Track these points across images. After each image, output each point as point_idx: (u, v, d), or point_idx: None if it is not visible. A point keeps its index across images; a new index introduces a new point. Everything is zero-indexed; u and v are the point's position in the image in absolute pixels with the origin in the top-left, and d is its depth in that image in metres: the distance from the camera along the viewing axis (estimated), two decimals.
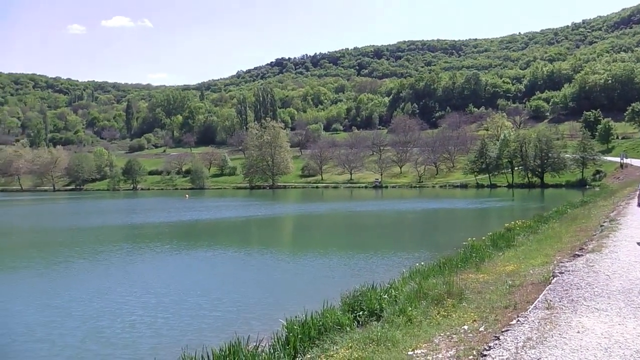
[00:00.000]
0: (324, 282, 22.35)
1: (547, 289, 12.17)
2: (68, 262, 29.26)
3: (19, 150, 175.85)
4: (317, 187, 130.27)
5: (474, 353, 8.60)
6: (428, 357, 8.85)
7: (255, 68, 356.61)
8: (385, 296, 14.02)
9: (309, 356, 10.79)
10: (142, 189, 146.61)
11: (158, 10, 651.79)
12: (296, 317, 12.84)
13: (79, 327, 16.47)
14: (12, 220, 62.98)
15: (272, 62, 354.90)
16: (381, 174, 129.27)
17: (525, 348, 8.33)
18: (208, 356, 11.03)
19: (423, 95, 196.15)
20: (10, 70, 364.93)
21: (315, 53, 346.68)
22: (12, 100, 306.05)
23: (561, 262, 15.60)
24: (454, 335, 9.87)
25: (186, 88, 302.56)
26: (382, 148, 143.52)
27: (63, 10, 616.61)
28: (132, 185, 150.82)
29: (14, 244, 40.85)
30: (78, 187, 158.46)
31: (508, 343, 8.63)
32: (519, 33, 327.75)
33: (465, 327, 10.33)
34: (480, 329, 9.99)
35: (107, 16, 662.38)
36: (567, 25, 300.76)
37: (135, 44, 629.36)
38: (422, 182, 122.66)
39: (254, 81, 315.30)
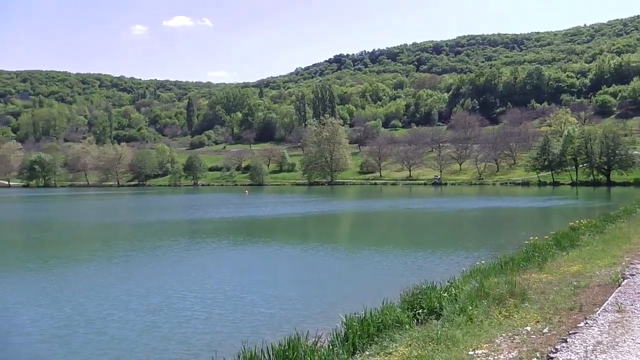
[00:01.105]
0: (382, 279, 22.17)
1: (617, 291, 11.71)
2: (128, 256, 29.88)
3: (86, 147, 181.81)
4: (375, 183, 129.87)
5: (538, 355, 8.40)
6: (489, 358, 8.72)
7: (314, 65, 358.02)
8: (445, 294, 13.86)
9: (367, 353, 10.73)
10: (202, 185, 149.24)
11: (217, 9, 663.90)
12: (355, 313, 12.81)
13: (136, 321, 16.66)
14: (79, 214, 65.09)
15: (330, 59, 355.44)
16: (440, 171, 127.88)
17: (595, 352, 8.04)
18: (267, 351, 11.04)
19: (483, 91, 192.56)
20: (78, 70, 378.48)
21: (374, 49, 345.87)
22: (79, 99, 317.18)
23: (631, 263, 14.98)
24: (516, 337, 9.70)
25: (245, 85, 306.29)
26: (441, 145, 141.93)
27: (126, 12, 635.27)
28: (192, 181, 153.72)
29: (78, 237, 42.10)
30: (141, 182, 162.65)
31: (576, 346, 8.35)
32: (584, 25, 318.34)
33: (528, 328, 10.12)
34: (544, 331, 9.76)
35: (168, 17, 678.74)
36: (637, 15, 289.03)
37: (195, 43, 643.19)
38: (482, 179, 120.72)
39: (312, 78, 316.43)
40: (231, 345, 13.38)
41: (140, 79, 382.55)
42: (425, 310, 13.11)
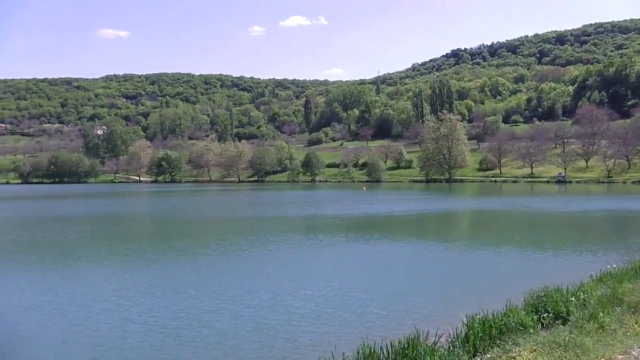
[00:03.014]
0: (501, 280, 21.64)
1: None
2: (242, 251, 30.47)
3: (208, 144, 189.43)
4: (495, 181, 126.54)
5: None
6: None
7: (431, 60, 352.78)
8: (573, 299, 13.26)
9: (489, 356, 10.57)
10: (320, 181, 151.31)
11: (332, 7, 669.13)
12: (476, 314, 12.56)
13: (246, 316, 16.84)
14: (200, 209, 67.78)
15: (447, 54, 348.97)
16: (565, 168, 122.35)
17: None
18: (387, 348, 10.97)
19: (613, 83, 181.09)
20: (201, 72, 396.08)
21: (493, 42, 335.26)
22: (202, 99, 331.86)
23: None
24: None
25: (362, 82, 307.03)
26: (565, 140, 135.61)
27: (244, 14, 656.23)
28: (310, 178, 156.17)
29: (197, 231, 43.77)
30: (260, 178, 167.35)
31: None
32: None
33: None
34: None
35: (285, 16, 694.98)
36: None
37: (311, 41, 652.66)
38: (611, 177, 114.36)
39: (429, 73, 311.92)
40: (346, 342, 13.27)
41: (259, 78, 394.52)
42: (550, 315, 12.69)
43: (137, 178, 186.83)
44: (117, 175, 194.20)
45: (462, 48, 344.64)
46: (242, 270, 25.06)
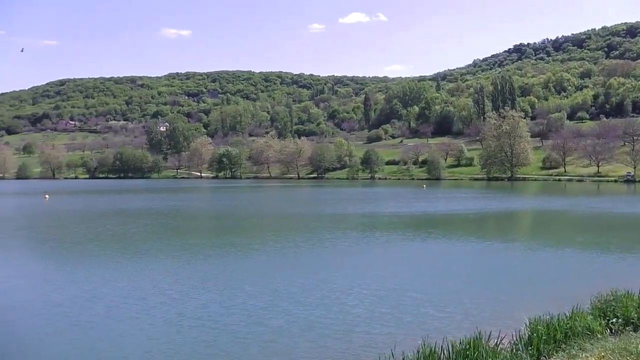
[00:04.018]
0: (566, 282, 20.90)
1: None
2: (297, 247, 30.48)
3: (268, 141, 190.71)
4: (559, 180, 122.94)
5: None
6: None
7: (492, 56, 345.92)
8: None
9: None
10: (379, 179, 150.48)
11: (392, 3, 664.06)
12: (539, 317, 12.26)
13: (299, 314, 16.73)
14: (259, 205, 68.86)
15: (509, 49, 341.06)
16: (634, 167, 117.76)
17: None
18: (448, 349, 10.84)
19: None
20: (261, 69, 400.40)
21: (557, 36, 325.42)
22: (262, 96, 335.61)
23: None
24: None
25: (422, 79, 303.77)
26: (635, 138, 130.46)
27: (304, 11, 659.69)
28: (369, 175, 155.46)
29: (255, 227, 44.28)
30: (320, 175, 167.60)
31: None
32: None
33: None
34: None
35: (344, 13, 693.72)
36: None
37: (371, 38, 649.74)
38: None
39: (490, 69, 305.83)
40: (401, 343, 12.81)
41: (318, 76, 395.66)
42: (620, 320, 12.17)
43: (199, 174, 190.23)
44: (179, 171, 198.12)
45: (525, 43, 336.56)
46: (296, 267, 25.04)
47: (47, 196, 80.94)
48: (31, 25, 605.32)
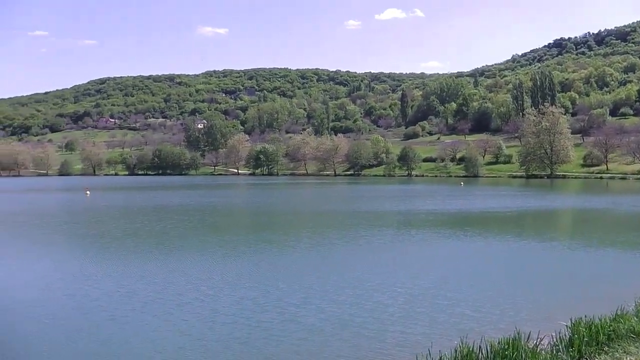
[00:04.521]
0: (607, 283, 20.40)
1: None
2: (332, 245, 30.37)
3: (305, 138, 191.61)
4: (601, 177, 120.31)
5: None
6: None
7: (532, 51, 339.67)
8: None
9: None
10: (416, 176, 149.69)
11: None
12: (581, 318, 12.00)
13: (332, 312, 16.58)
14: (296, 202, 69.05)
15: (549, 44, 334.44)
16: None
17: None
18: (486, 348, 10.67)
19: None
20: (297, 66, 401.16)
21: (600, 30, 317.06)
22: (299, 93, 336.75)
23: None
24: None
25: (459, 75, 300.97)
26: None
27: (339, 8, 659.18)
28: (406, 172, 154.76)
29: (290, 224, 44.36)
30: (356, 172, 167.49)
31: None
32: None
33: None
34: None
35: (380, 10, 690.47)
36: None
37: (407, 34, 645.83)
38: None
39: (530, 65, 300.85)
40: (437, 343, 12.55)
41: (355, 72, 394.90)
42: None
43: (236, 171, 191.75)
44: (216, 167, 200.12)
45: (566, 37, 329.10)
46: (330, 264, 24.98)
47: (88, 192, 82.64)
48: (72, 25, 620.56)
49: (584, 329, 11.22)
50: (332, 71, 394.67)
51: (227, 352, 13.42)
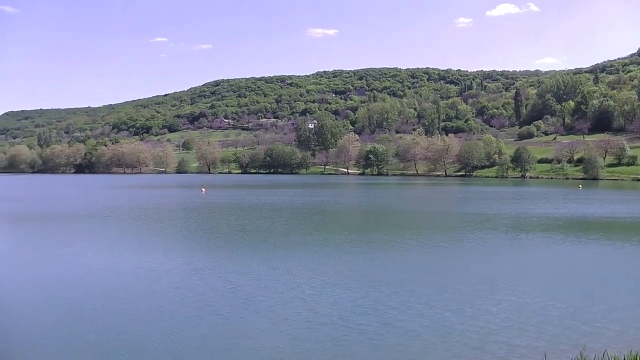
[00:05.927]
0: None
1: None
2: (437, 247, 29.90)
3: (415, 138, 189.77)
4: None
5: None
6: None
7: None
8: None
9: None
10: (530, 177, 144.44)
11: None
12: None
13: (431, 317, 16.24)
14: (404, 202, 68.46)
15: None
16: None
17: None
18: None
19: None
20: (407, 66, 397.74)
21: None
22: (409, 92, 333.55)
23: None
24: None
25: (578, 71, 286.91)
26: None
27: (449, 4, 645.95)
28: (520, 173, 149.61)
29: (395, 224, 43.90)
30: (468, 173, 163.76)
31: None
32: None
33: None
34: None
35: (492, 5, 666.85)
36: None
37: (521, 30, 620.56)
38: None
39: None
40: (548, 354, 12.25)
41: (466, 71, 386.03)
42: None
43: (346, 170, 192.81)
44: (326, 167, 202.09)
45: None
46: (433, 267, 24.48)
47: (203, 189, 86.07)
48: (188, 31, 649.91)
49: None
50: (442, 70, 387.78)
51: (324, 353, 13.41)
